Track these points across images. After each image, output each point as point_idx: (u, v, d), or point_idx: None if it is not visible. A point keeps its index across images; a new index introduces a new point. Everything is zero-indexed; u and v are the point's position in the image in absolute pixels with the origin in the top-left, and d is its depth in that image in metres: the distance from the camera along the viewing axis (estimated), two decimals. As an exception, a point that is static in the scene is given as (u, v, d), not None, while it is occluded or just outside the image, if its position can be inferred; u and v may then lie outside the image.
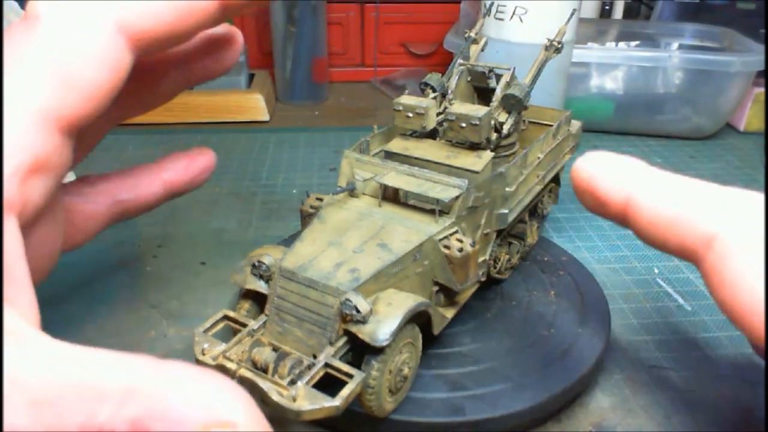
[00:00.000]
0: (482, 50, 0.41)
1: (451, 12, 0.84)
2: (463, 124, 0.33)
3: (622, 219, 0.22)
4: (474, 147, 0.34)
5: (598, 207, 0.23)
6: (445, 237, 0.29)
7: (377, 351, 0.25)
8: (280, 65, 0.77)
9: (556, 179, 0.43)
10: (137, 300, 0.38)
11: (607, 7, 0.85)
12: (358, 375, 0.24)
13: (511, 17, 0.48)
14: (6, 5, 0.47)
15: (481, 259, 0.33)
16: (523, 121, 0.39)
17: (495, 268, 0.36)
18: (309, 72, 0.76)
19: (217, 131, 0.68)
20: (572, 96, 0.65)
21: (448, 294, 0.31)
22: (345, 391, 0.24)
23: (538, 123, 0.43)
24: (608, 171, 0.22)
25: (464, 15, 0.76)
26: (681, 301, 0.40)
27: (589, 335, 0.33)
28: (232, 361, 0.25)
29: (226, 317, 0.28)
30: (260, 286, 0.28)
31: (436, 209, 0.30)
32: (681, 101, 0.65)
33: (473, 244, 0.29)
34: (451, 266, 0.29)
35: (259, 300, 0.29)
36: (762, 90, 0.68)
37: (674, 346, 0.36)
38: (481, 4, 0.51)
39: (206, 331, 0.27)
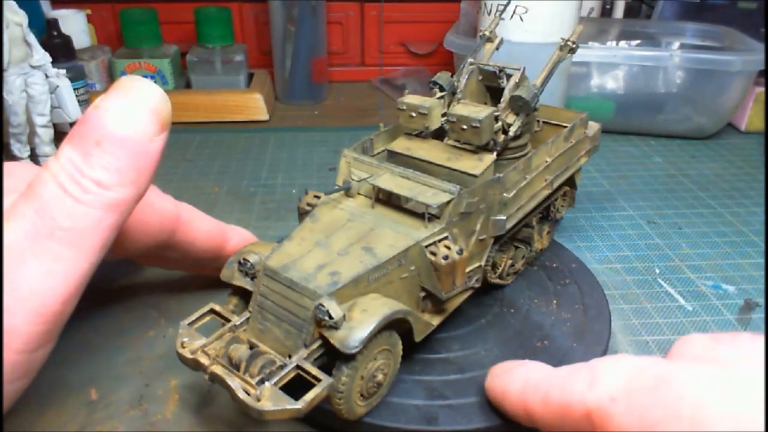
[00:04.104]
0: (497, 49, 0.40)
1: (451, 11, 0.84)
2: (465, 126, 0.32)
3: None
4: (482, 148, 0.33)
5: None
6: (433, 243, 0.29)
7: (348, 357, 0.25)
8: (280, 65, 0.76)
9: (571, 182, 0.41)
10: (135, 300, 0.38)
11: (607, 7, 0.84)
12: (325, 380, 0.24)
13: (511, 17, 0.48)
14: (6, 5, 0.47)
15: (476, 266, 0.32)
16: (537, 121, 0.38)
17: (495, 273, 0.35)
18: (308, 71, 0.76)
19: (216, 131, 0.68)
20: (573, 95, 0.64)
21: (436, 300, 0.30)
22: (309, 395, 0.24)
23: (555, 124, 0.41)
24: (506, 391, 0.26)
25: (464, 14, 0.76)
26: (682, 301, 0.40)
27: (583, 351, 0.32)
28: (208, 356, 0.26)
29: (212, 311, 0.29)
30: (246, 283, 0.28)
31: (425, 214, 0.29)
32: (682, 101, 0.65)
33: (460, 252, 0.29)
34: (437, 273, 0.29)
35: (247, 296, 0.29)
36: (763, 89, 0.68)
37: (675, 347, 0.36)
38: (487, 4, 0.51)
39: (192, 323, 0.28)
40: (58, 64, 0.52)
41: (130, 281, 0.40)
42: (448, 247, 0.29)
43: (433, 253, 0.29)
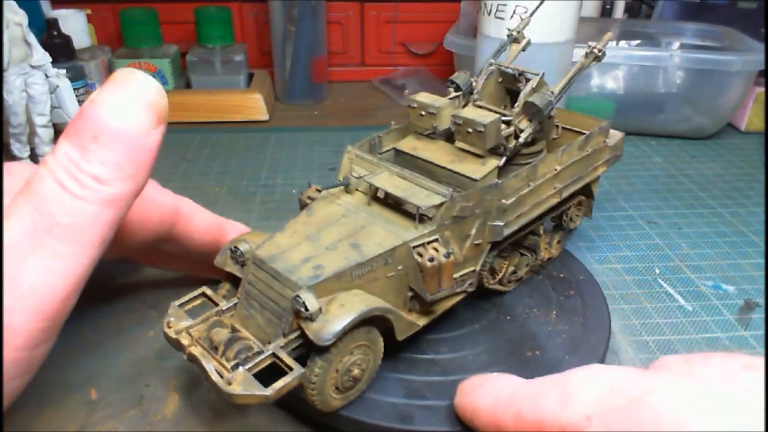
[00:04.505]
0: (523, 50, 0.38)
1: (451, 11, 0.84)
2: (470, 129, 0.32)
3: None
4: (491, 152, 0.33)
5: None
6: (422, 245, 0.29)
7: (322, 349, 0.25)
8: (280, 65, 0.76)
9: (587, 192, 0.40)
10: (135, 300, 0.38)
11: (607, 6, 0.84)
12: (296, 370, 0.25)
13: (511, 17, 0.48)
14: (6, 5, 0.47)
15: (469, 270, 0.32)
16: (557, 127, 0.37)
17: (494, 279, 0.35)
18: (308, 71, 0.76)
19: (216, 131, 0.68)
20: (573, 95, 0.64)
21: (424, 301, 0.30)
22: (279, 384, 0.24)
23: (576, 131, 0.39)
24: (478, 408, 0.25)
25: (464, 14, 0.76)
26: (682, 301, 0.40)
27: (575, 364, 0.30)
28: (191, 337, 0.26)
29: (204, 294, 0.29)
30: (236, 270, 0.29)
31: (416, 215, 0.29)
32: (682, 101, 0.65)
33: (447, 255, 0.28)
34: (422, 275, 0.29)
35: (238, 283, 0.29)
36: (763, 89, 0.68)
37: (675, 347, 0.36)
38: (487, 4, 0.51)
39: (182, 305, 0.28)
40: (58, 64, 0.52)
41: (130, 281, 0.40)
42: (436, 250, 0.29)
43: (420, 255, 0.28)
